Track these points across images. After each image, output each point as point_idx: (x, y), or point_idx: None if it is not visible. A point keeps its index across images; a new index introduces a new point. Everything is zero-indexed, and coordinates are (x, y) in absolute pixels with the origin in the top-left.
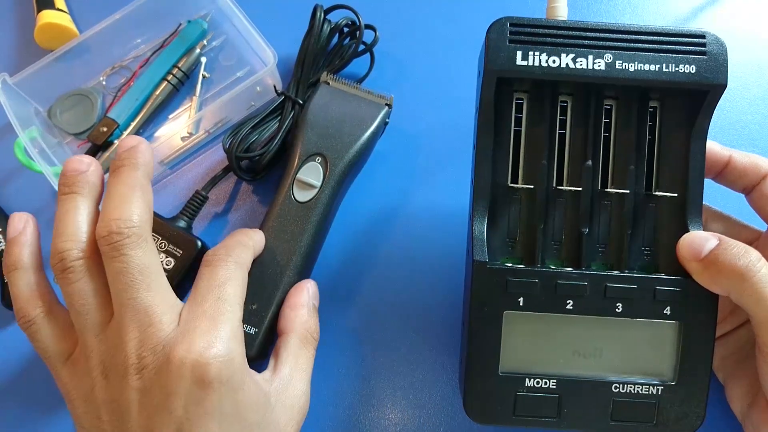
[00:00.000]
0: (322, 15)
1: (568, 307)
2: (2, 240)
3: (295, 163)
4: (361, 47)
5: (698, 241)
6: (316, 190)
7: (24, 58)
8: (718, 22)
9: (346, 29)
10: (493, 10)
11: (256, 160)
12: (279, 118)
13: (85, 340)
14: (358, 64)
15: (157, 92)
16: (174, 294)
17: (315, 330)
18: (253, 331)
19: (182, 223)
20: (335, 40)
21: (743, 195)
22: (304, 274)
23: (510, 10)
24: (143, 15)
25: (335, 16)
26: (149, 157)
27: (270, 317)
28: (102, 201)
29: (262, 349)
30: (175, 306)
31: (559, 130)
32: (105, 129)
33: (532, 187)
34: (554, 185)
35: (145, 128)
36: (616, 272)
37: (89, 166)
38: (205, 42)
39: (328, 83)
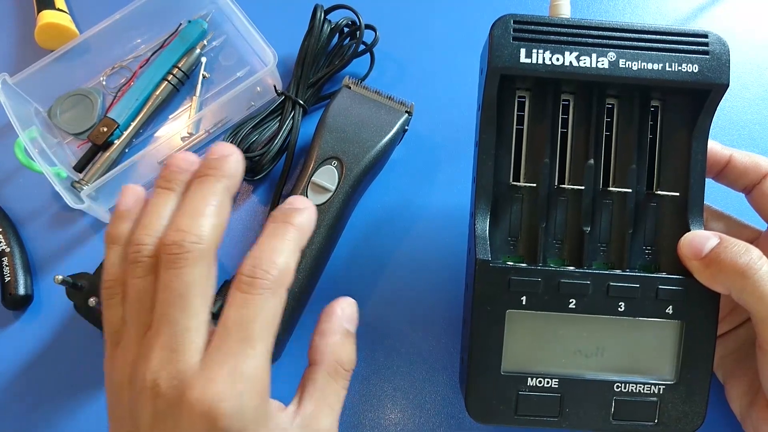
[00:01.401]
0: (323, 15)
1: (571, 306)
2: (2, 240)
3: (311, 165)
4: (362, 47)
5: (699, 239)
6: (330, 193)
7: (24, 58)
8: (718, 22)
9: (346, 29)
10: (493, 10)
11: (257, 160)
12: (279, 118)
13: (130, 334)
14: (358, 64)
15: (158, 92)
16: (211, 321)
17: (347, 360)
18: None
19: None
20: (335, 40)
21: (743, 195)
22: (313, 276)
23: (509, 10)
24: (143, 15)
25: (335, 16)
26: (237, 170)
27: None
28: (181, 201)
29: None
30: (207, 334)
31: (561, 128)
32: (105, 129)
33: (534, 185)
34: (556, 184)
35: (146, 128)
36: (618, 271)
37: (191, 166)
38: (205, 42)
39: (350, 87)
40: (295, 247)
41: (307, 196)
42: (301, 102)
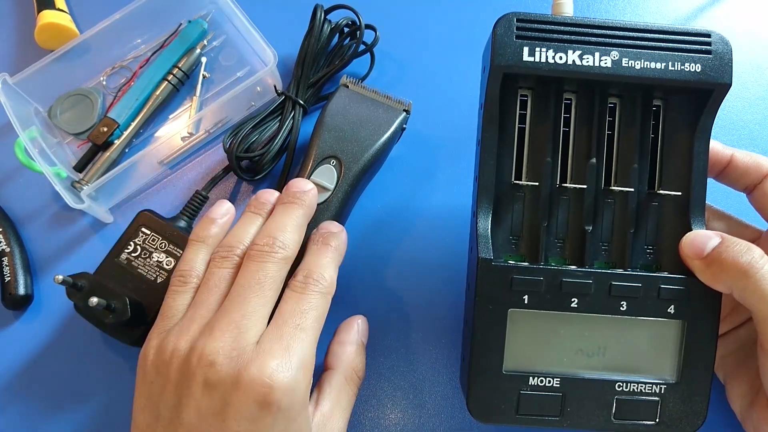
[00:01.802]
0: (323, 15)
1: (573, 305)
2: (2, 240)
3: (310, 164)
4: (362, 47)
5: (701, 239)
6: (329, 192)
7: (24, 58)
8: (718, 22)
9: (346, 29)
10: (493, 10)
11: (257, 160)
12: (279, 118)
13: (194, 315)
14: (359, 64)
15: (158, 92)
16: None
17: (360, 368)
18: None
19: (182, 223)
20: (335, 40)
21: (744, 194)
22: None
23: (509, 10)
24: (143, 15)
25: (335, 16)
26: (313, 203)
27: None
28: (268, 219)
29: None
30: (264, 327)
31: (563, 127)
32: (105, 129)
33: (536, 184)
34: (558, 183)
35: (146, 128)
36: (620, 270)
37: (274, 197)
38: (205, 42)
39: (347, 86)
40: (336, 265)
41: None
42: (301, 102)
